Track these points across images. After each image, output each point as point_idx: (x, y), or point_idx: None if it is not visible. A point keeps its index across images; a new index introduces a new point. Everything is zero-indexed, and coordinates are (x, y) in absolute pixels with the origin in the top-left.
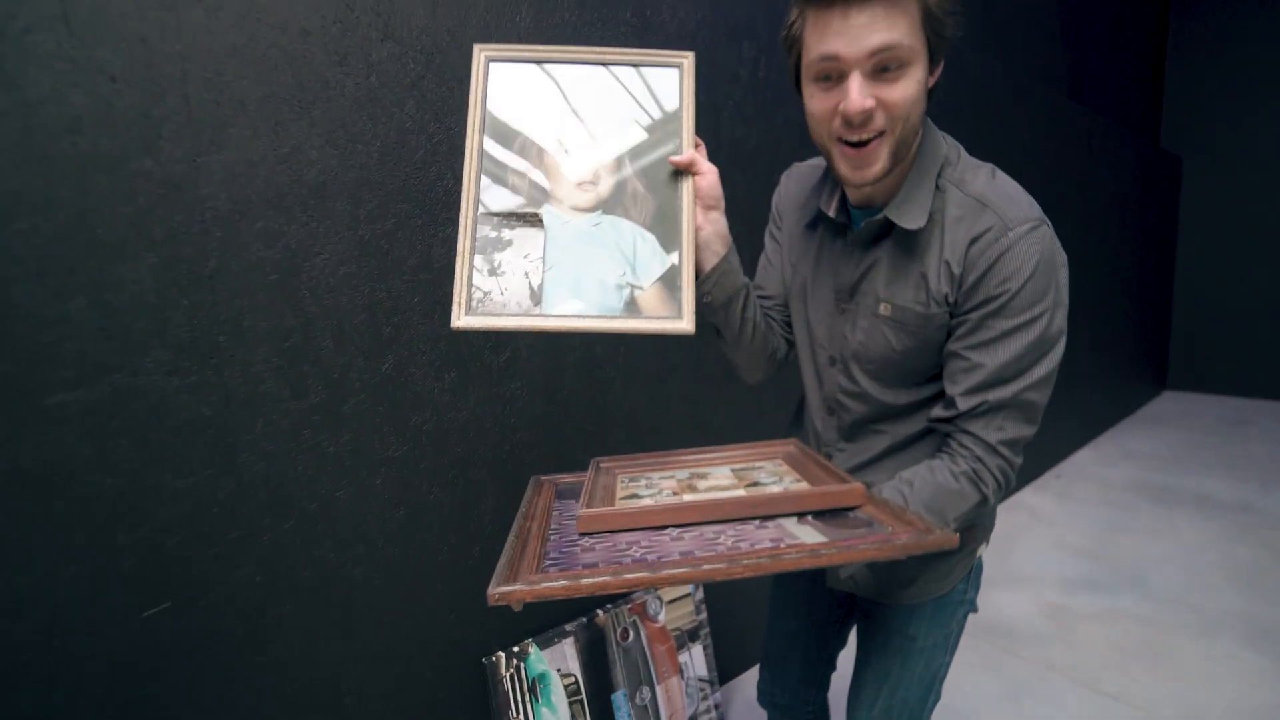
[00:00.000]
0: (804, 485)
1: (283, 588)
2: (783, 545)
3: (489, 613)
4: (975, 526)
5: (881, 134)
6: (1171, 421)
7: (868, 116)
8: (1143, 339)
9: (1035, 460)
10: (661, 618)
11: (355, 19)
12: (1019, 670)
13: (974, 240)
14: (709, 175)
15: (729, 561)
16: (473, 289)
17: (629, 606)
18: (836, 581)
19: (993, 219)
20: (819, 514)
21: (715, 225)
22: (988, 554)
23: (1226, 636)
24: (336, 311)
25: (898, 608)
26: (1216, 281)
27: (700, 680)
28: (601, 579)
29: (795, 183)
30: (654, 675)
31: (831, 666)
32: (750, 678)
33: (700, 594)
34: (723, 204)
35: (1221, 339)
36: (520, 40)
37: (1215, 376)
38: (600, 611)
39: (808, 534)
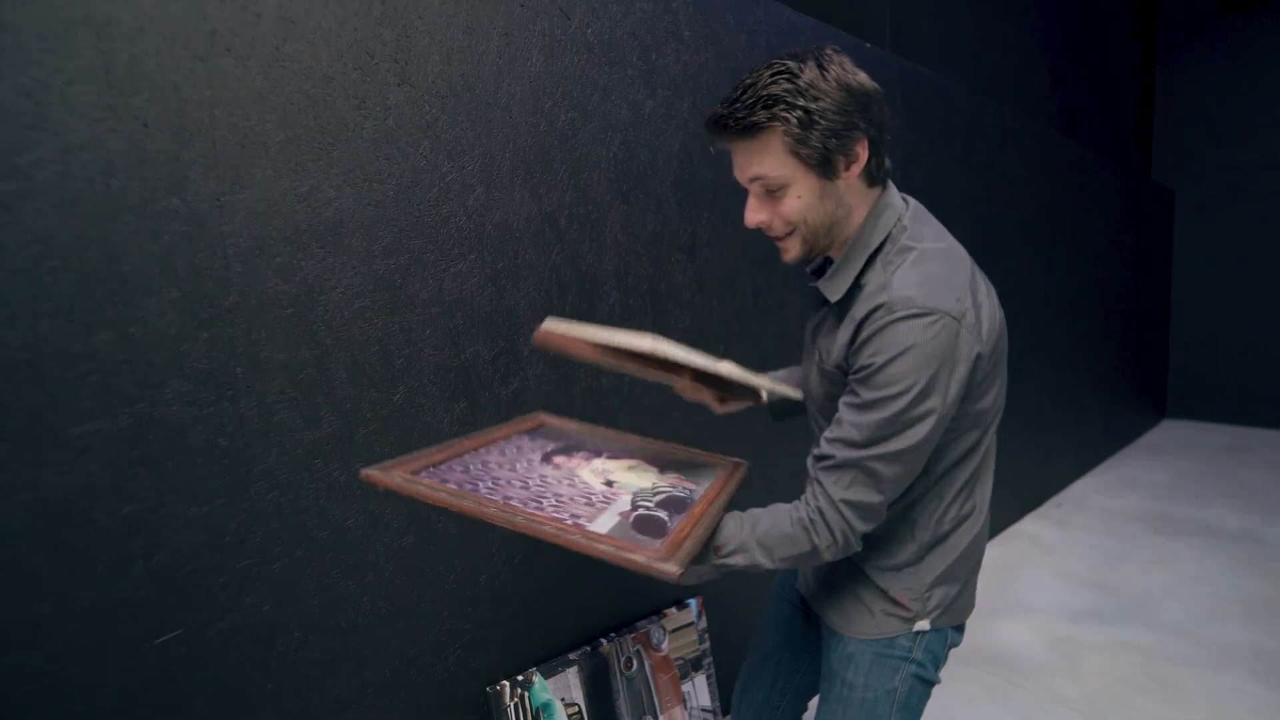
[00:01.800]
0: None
1: (292, 616)
2: (566, 521)
3: (494, 642)
4: (909, 589)
5: (788, 234)
6: (1171, 450)
7: (764, 226)
8: (1141, 368)
9: (1035, 489)
10: (665, 647)
11: (374, 65)
12: (1024, 703)
13: (867, 315)
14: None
15: (503, 510)
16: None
17: (632, 636)
18: (802, 584)
19: (883, 299)
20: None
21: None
22: (989, 583)
23: (1234, 670)
24: (350, 344)
25: (840, 651)
26: (1212, 310)
27: (703, 711)
28: (420, 489)
29: None
30: (657, 705)
31: (801, 705)
32: None
33: (703, 623)
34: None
35: (1219, 368)
36: (534, 79)
37: (1214, 405)
38: (604, 641)
39: (605, 520)
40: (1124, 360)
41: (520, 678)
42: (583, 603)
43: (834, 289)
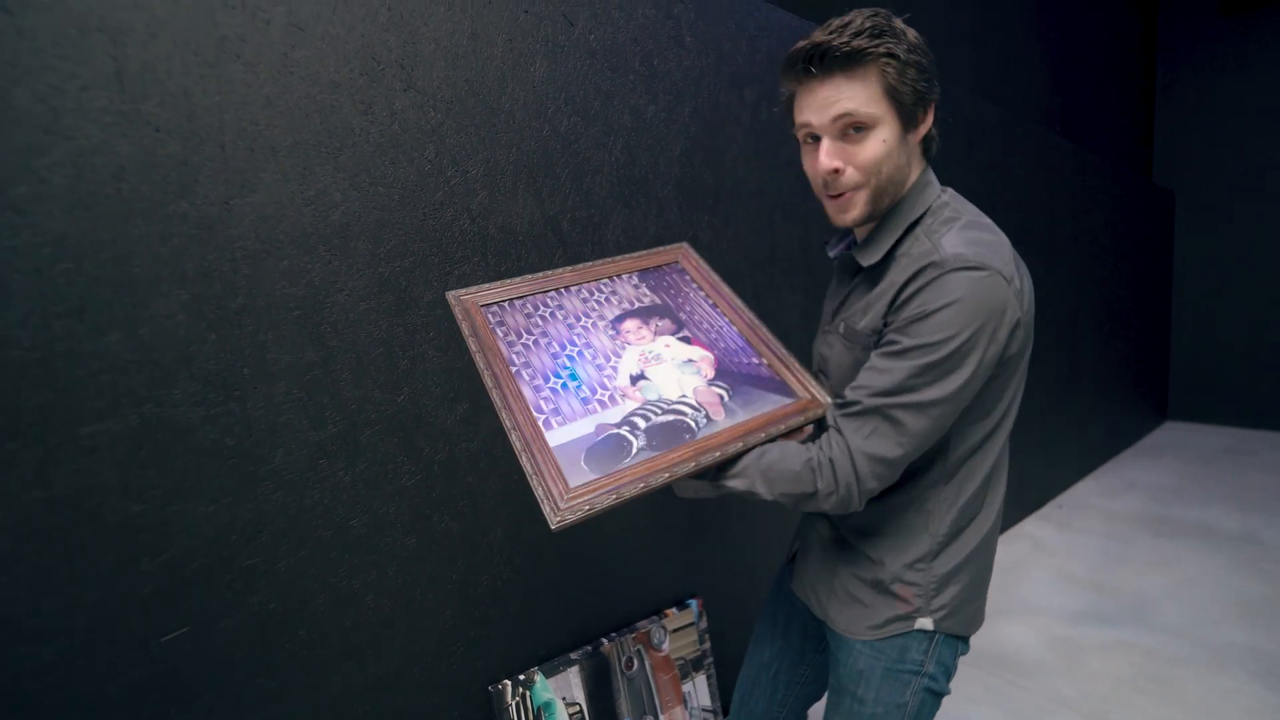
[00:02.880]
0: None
1: (297, 614)
2: (535, 416)
3: (496, 641)
4: (915, 585)
5: (857, 187)
6: (1173, 452)
7: (837, 175)
8: (1143, 369)
9: (1037, 490)
10: (666, 647)
11: (381, 71)
12: (1024, 703)
13: (915, 273)
14: None
15: (495, 381)
16: None
17: (633, 636)
18: (798, 585)
19: (934, 259)
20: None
21: None
22: (990, 584)
23: (1233, 670)
24: (355, 345)
25: (850, 666)
26: (1214, 312)
27: (704, 710)
28: (464, 326)
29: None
30: (658, 705)
31: (802, 715)
32: None
33: (704, 623)
34: None
35: (1221, 369)
36: (538, 84)
37: (1216, 407)
38: (605, 640)
39: (574, 428)
40: (1125, 362)
41: (522, 677)
42: (584, 602)
43: (870, 254)
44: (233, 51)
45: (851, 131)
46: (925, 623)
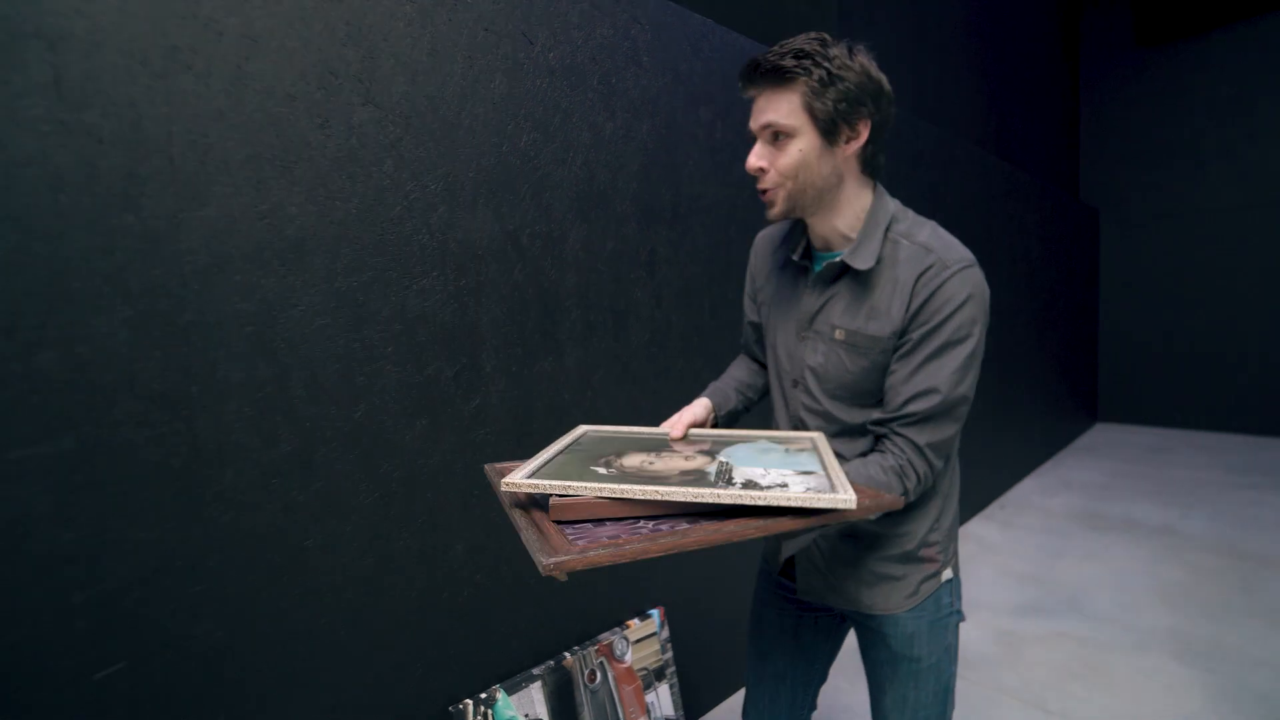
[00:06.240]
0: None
1: (246, 643)
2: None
3: (456, 659)
4: (935, 544)
5: (776, 186)
6: (1103, 451)
7: (760, 173)
8: (1074, 375)
9: (981, 492)
10: (628, 658)
11: (338, 85)
12: (971, 695)
13: (919, 276)
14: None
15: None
16: None
17: (595, 648)
18: (807, 591)
19: (934, 259)
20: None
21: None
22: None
23: (1155, 652)
24: (311, 362)
25: (898, 633)
26: (1137, 320)
27: None
28: (640, 545)
29: (763, 245)
30: (622, 716)
31: (813, 706)
32: (718, 715)
33: (665, 633)
34: (694, 421)
35: (1145, 374)
36: (497, 101)
37: (1141, 409)
38: (567, 654)
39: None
40: (1059, 368)
41: (484, 695)
42: (545, 615)
43: (862, 258)
44: (183, 63)
45: (776, 138)
46: (948, 573)
